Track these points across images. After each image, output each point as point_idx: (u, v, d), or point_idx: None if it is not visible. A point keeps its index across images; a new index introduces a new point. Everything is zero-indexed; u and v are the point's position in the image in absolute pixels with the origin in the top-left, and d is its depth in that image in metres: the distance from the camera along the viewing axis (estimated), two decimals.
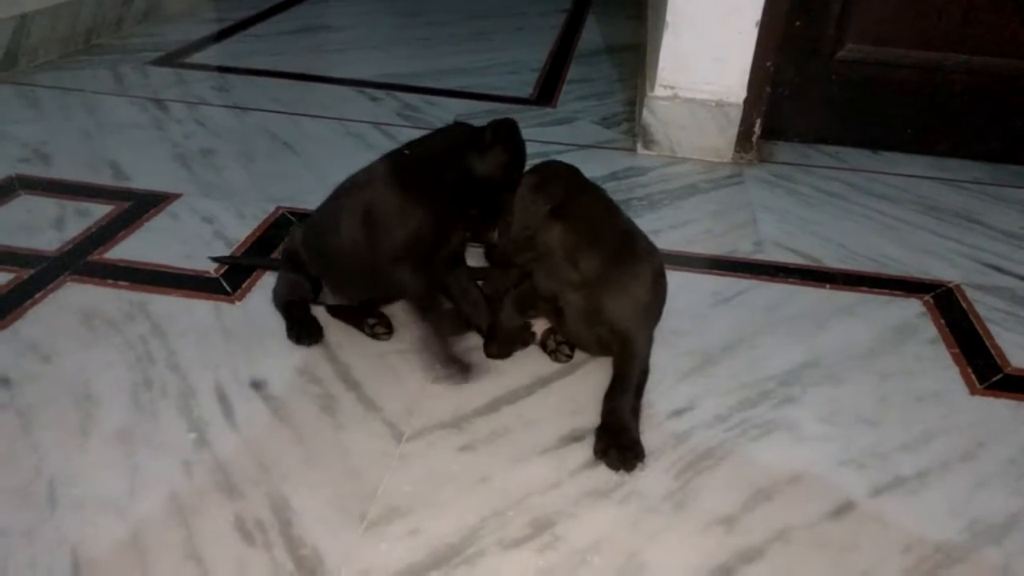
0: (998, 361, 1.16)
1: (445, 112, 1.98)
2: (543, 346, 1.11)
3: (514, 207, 0.98)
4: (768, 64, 1.76)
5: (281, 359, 1.06)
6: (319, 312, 1.14)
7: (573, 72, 2.41)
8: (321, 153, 1.70)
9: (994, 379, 1.11)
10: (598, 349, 1.08)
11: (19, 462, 0.87)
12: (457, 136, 1.05)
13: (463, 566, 0.78)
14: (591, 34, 2.86)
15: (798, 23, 1.79)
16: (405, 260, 1.01)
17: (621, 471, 0.90)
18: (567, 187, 0.99)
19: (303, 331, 1.10)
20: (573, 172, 1.02)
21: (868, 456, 0.96)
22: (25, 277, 1.19)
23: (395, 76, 2.25)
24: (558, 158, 1.06)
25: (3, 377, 0.99)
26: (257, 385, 1.00)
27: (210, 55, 2.35)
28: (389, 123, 1.90)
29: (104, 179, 1.52)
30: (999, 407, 1.06)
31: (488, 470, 0.90)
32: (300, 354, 1.07)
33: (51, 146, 1.65)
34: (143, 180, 1.53)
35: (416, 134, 1.65)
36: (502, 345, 1.08)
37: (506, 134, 1.02)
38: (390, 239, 1.01)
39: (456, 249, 1.07)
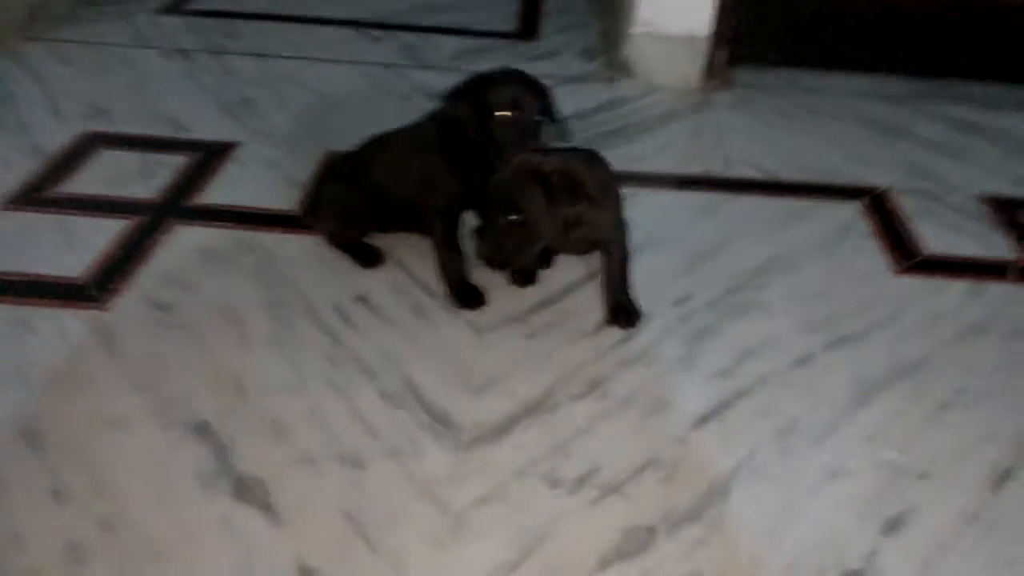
0: (915, 248, 1.50)
1: (443, 51, 2.20)
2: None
3: (531, 217, 1.12)
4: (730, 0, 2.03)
5: (373, 279, 1.35)
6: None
7: (549, 2, 2.62)
8: (349, 99, 1.93)
9: (912, 263, 1.47)
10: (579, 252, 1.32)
11: (201, 363, 1.16)
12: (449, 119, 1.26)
13: (547, 413, 1.12)
14: None
15: None
16: (443, 213, 1.29)
17: (628, 328, 1.25)
18: (573, 183, 1.14)
19: (369, 257, 1.38)
20: (567, 157, 1.17)
21: (822, 322, 1.31)
22: (141, 223, 1.44)
23: (386, 14, 2.43)
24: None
25: (165, 304, 1.26)
26: (362, 299, 1.30)
27: (210, 1, 2.50)
28: (396, 63, 2.12)
29: (167, 131, 1.75)
30: (915, 283, 1.41)
31: (549, 350, 1.23)
32: (384, 274, 1.36)
33: (106, 102, 1.84)
34: (201, 131, 1.75)
35: (421, 74, 1.96)
36: (523, 278, 1.34)
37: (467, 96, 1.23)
38: (436, 196, 1.28)
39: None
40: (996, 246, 1.51)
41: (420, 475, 1.02)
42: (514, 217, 1.12)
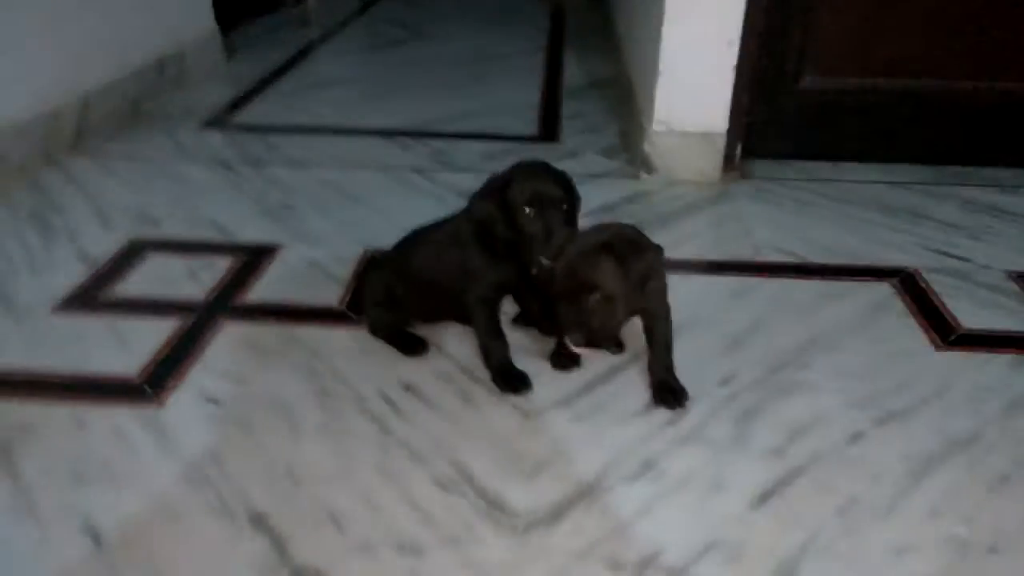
0: (953, 324, 1.52)
1: (471, 155, 2.30)
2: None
3: (609, 287, 1.14)
4: (743, 98, 2.12)
5: (417, 367, 1.37)
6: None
7: (566, 108, 2.76)
8: (383, 201, 2.01)
9: (952, 338, 1.47)
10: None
11: (255, 455, 1.17)
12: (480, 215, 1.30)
13: (602, 495, 1.11)
14: (572, 72, 3.22)
15: (765, 62, 2.16)
16: (484, 301, 1.32)
17: (676, 408, 1.26)
18: (632, 242, 1.19)
19: (413, 346, 1.41)
20: (613, 227, 1.22)
21: (868, 399, 1.31)
22: (191, 322, 1.48)
23: (415, 124, 2.56)
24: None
25: (213, 398, 1.28)
26: (408, 388, 1.31)
27: (248, 116, 2.65)
28: (426, 168, 2.21)
29: (213, 236, 1.81)
30: (958, 358, 1.42)
31: (598, 432, 1.23)
32: (429, 363, 1.38)
33: (151, 211, 1.92)
34: (245, 235, 1.82)
35: (454, 177, 1.96)
36: (567, 362, 1.37)
37: (481, 214, 1.27)
38: (476, 286, 1.31)
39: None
40: None
41: (479, 561, 1.01)
42: (597, 295, 1.15)
